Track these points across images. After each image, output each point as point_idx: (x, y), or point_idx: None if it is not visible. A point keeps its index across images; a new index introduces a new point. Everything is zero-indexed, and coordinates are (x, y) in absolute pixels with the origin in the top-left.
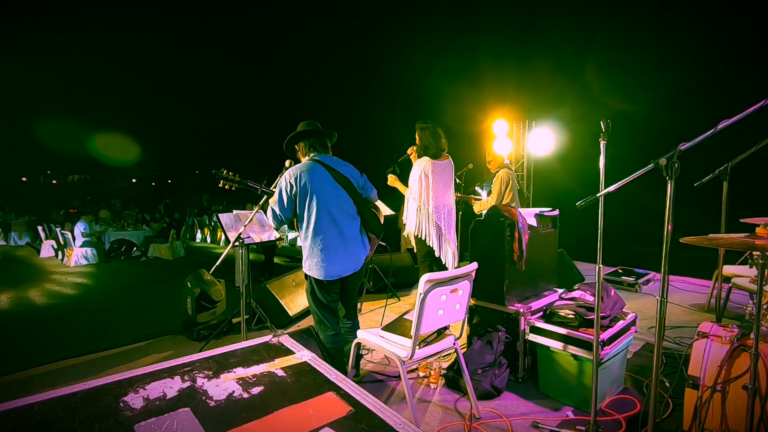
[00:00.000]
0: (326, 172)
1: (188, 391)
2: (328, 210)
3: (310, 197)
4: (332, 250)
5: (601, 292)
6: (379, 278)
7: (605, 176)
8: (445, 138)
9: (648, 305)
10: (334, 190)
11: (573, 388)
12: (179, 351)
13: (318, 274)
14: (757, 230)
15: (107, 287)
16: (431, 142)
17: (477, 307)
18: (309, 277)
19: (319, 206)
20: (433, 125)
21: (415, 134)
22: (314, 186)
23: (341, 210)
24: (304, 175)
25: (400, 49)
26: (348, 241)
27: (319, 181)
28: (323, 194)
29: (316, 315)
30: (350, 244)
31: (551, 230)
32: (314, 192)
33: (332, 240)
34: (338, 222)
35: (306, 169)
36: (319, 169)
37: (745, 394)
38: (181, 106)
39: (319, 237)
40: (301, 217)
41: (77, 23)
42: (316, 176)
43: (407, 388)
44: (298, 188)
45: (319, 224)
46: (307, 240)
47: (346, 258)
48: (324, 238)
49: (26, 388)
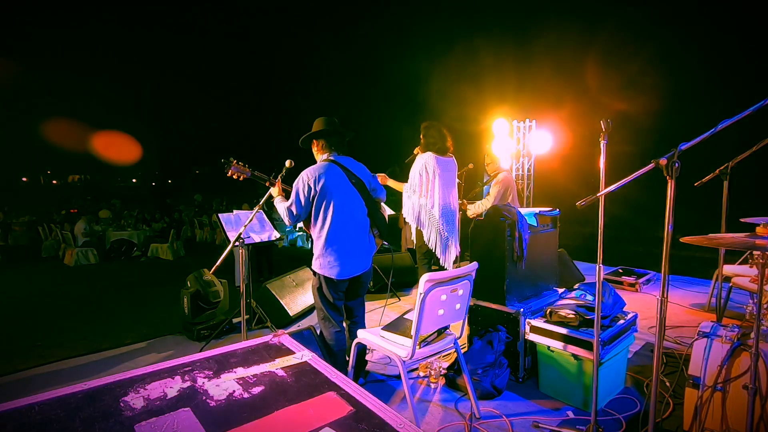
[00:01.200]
0: (343, 174)
1: (188, 391)
2: (343, 211)
3: (327, 199)
4: (345, 250)
5: (601, 292)
6: (379, 278)
7: (605, 176)
8: (451, 140)
9: (648, 305)
10: (349, 192)
11: (573, 388)
12: (179, 351)
13: (330, 273)
14: (757, 230)
15: (107, 287)
16: (437, 140)
17: (477, 307)
18: (318, 275)
19: (335, 207)
20: (439, 125)
21: (420, 133)
22: (331, 188)
23: (355, 211)
24: (323, 177)
25: (400, 49)
26: (359, 241)
27: (336, 182)
28: (339, 196)
29: (322, 312)
30: (361, 244)
31: (551, 230)
32: (331, 193)
33: (345, 240)
34: (352, 223)
35: (324, 170)
36: (336, 170)
37: (745, 393)
38: (182, 106)
39: (334, 237)
40: (316, 217)
41: (77, 24)
42: (334, 178)
43: (407, 388)
44: (316, 190)
45: (335, 225)
46: (320, 239)
47: (357, 258)
48: (338, 239)
49: (26, 388)
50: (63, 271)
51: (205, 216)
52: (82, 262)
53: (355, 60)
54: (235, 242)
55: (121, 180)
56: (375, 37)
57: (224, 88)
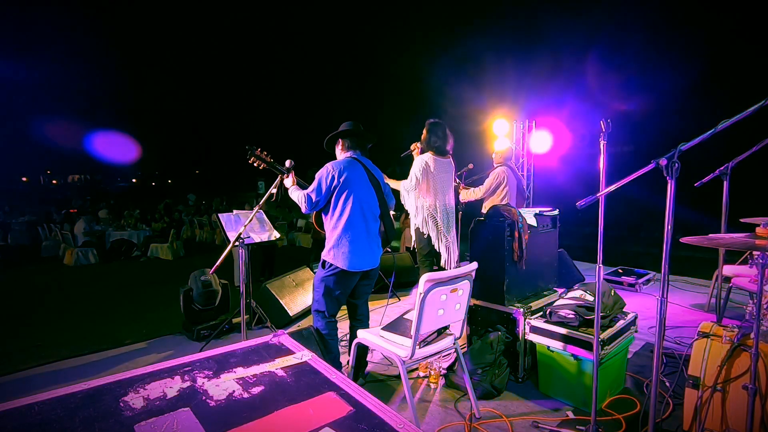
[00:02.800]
0: (364, 172)
1: (188, 391)
2: (361, 206)
3: (348, 191)
4: (359, 243)
5: (601, 292)
6: (379, 278)
7: (605, 176)
8: (452, 143)
9: (648, 305)
10: (368, 189)
11: (573, 388)
12: (179, 351)
13: (343, 264)
14: (757, 230)
15: (107, 287)
16: (439, 140)
17: (477, 307)
18: (327, 265)
19: (354, 201)
20: (444, 125)
21: (424, 130)
22: (353, 182)
23: (371, 209)
24: (346, 170)
25: (401, 49)
26: (372, 238)
27: (358, 178)
28: (359, 191)
29: (318, 303)
30: (373, 241)
31: (551, 230)
32: (353, 187)
33: (360, 234)
34: (367, 219)
35: (349, 165)
36: (359, 167)
37: (745, 393)
38: (182, 107)
39: (350, 228)
40: (334, 207)
41: (78, 24)
42: (356, 173)
43: (407, 388)
44: (339, 181)
45: (352, 217)
46: (336, 229)
47: (369, 253)
48: (354, 231)
49: (26, 388)
50: (63, 271)
51: (205, 216)
52: (82, 262)
53: (355, 60)
54: (235, 242)
55: (121, 180)
56: (375, 36)
57: (224, 89)
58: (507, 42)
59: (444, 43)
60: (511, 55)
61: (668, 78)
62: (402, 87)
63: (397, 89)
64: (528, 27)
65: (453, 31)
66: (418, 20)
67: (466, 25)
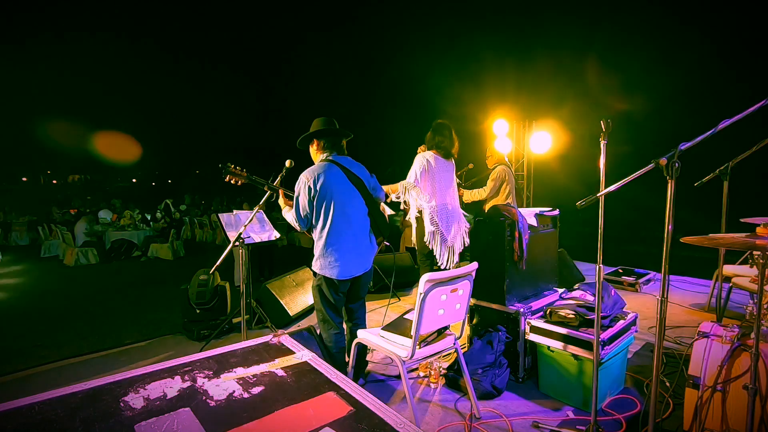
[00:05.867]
0: (342, 174)
1: (188, 391)
2: (344, 211)
3: (327, 199)
4: (346, 250)
5: (601, 292)
6: (379, 278)
7: (605, 176)
8: (457, 146)
9: (648, 305)
10: (348, 192)
11: (573, 388)
12: (179, 351)
13: (331, 274)
14: (757, 230)
15: (107, 287)
16: (445, 140)
17: (477, 307)
18: (319, 276)
19: (335, 207)
20: (450, 127)
21: (430, 129)
22: (331, 188)
23: (355, 211)
24: (322, 177)
25: (401, 49)
26: (360, 241)
27: (335, 182)
28: (339, 195)
29: (321, 313)
30: (362, 244)
31: (551, 230)
32: (331, 193)
33: (346, 241)
34: (352, 223)
35: (323, 170)
36: (336, 170)
37: (745, 394)
38: (182, 106)
39: (334, 237)
40: (317, 218)
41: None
42: (333, 178)
43: (407, 388)
44: (316, 190)
45: (335, 225)
46: (321, 240)
47: (358, 258)
48: (339, 239)
49: (26, 388)
50: (63, 271)
51: (205, 216)
52: (82, 262)
53: (355, 59)
54: (235, 242)
55: (121, 180)
56: (374, 36)
57: (224, 88)
58: (507, 42)
59: (444, 44)
60: (511, 55)
61: (668, 78)
62: (402, 87)
63: (397, 89)
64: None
65: (453, 31)
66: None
67: (466, 25)
